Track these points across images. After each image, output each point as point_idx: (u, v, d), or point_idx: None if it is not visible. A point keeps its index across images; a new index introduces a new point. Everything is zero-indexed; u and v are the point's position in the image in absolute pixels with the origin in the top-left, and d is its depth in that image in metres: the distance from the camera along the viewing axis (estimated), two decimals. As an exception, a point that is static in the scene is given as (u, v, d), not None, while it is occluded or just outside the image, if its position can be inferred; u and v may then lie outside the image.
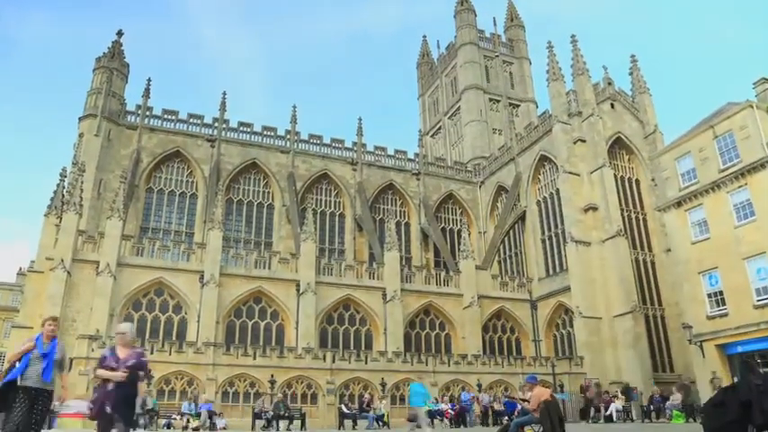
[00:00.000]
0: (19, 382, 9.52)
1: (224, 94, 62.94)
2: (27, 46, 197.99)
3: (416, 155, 70.19)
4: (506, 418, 32.87)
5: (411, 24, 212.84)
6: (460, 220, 68.28)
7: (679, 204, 40.61)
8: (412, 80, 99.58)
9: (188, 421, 31.86)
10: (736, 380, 30.19)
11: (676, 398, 34.85)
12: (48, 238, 44.67)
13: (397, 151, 69.31)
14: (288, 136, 64.23)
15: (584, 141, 55.38)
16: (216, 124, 61.57)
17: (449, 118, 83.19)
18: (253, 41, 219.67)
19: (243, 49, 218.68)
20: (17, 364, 9.69)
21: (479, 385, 44.53)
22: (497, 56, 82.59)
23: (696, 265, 38.83)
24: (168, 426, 32.46)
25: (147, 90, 60.37)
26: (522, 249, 63.03)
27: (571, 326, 52.77)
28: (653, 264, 54.60)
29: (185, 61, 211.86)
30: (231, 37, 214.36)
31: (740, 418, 9.59)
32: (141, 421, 28.72)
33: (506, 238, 64.08)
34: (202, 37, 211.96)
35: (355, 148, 66.75)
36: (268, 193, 62.32)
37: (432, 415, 36.61)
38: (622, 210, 54.37)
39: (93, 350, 37.92)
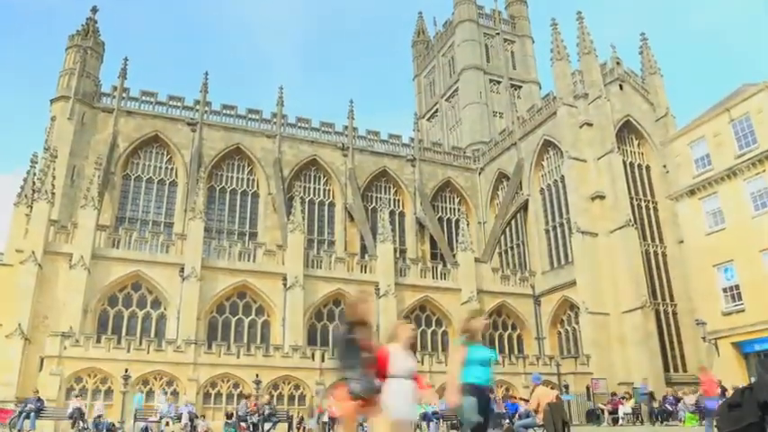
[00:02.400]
0: None
1: (206, 74, 62.67)
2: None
3: (412, 139, 69.94)
4: (507, 420, 32.86)
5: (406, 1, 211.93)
6: (458, 210, 68.06)
7: (692, 192, 40.61)
8: (407, 60, 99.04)
9: (167, 424, 31.85)
10: (752, 380, 30.30)
11: (689, 399, 34.89)
12: (18, 228, 44.24)
13: (390, 136, 69.11)
14: (274, 119, 63.89)
15: (590, 125, 55.28)
16: (197, 107, 61.20)
17: (446, 100, 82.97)
18: (237, 23, 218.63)
19: (226, 30, 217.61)
20: None
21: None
22: (498, 34, 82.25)
23: (710, 257, 38.83)
24: (146, 429, 32.44)
25: (124, 70, 59.84)
26: (524, 241, 63.02)
27: (577, 322, 52.81)
28: (664, 256, 54.63)
29: (171, 42, 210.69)
30: (216, 17, 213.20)
31: (759, 421, 9.54)
32: None
33: (507, 229, 64.06)
34: (189, 15, 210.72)
35: (346, 133, 66.47)
36: (253, 180, 62.09)
37: (428, 418, 36.58)
38: (632, 198, 54.36)
39: (65, 348, 37.87)
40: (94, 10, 60.25)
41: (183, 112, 60.80)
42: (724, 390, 30.53)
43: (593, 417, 41.05)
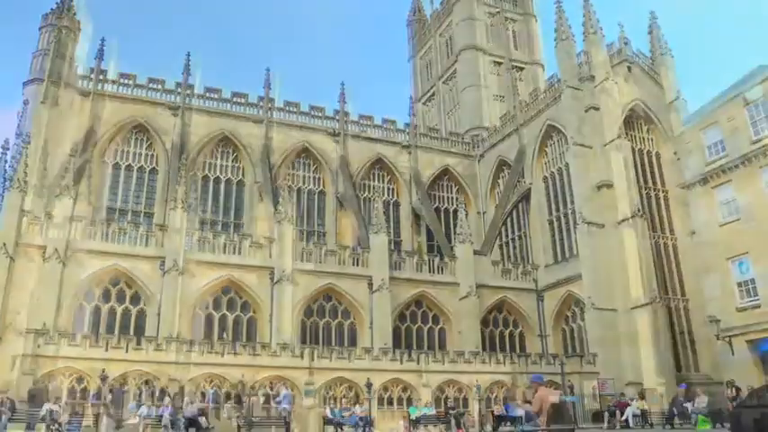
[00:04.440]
0: None
1: (188, 55, 62.26)
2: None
3: (407, 125, 69.63)
4: (508, 423, 32.73)
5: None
6: (457, 199, 67.64)
7: (705, 181, 40.47)
8: (402, 39, 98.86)
9: (146, 427, 31.70)
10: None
11: (702, 401, 34.75)
12: (-12, 219, 44.09)
13: (385, 120, 68.75)
14: (261, 103, 63.42)
15: (597, 109, 54.89)
16: (180, 90, 60.69)
17: (444, 82, 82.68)
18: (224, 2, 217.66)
19: (212, 11, 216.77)
20: None
21: (478, 386, 44.38)
22: (499, 12, 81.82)
23: (724, 249, 38.71)
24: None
25: (101, 51, 59.31)
26: (526, 232, 62.84)
27: (582, 319, 52.71)
28: (675, 248, 54.52)
29: (156, 25, 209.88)
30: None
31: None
32: None
33: (509, 220, 63.89)
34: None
35: (338, 118, 66.08)
36: (239, 168, 61.74)
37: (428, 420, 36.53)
38: (640, 187, 54.21)
39: (39, 346, 37.61)
40: (69, -14, 59.76)
41: (165, 95, 60.23)
42: (738, 390, 30.47)
43: (599, 419, 40.96)
